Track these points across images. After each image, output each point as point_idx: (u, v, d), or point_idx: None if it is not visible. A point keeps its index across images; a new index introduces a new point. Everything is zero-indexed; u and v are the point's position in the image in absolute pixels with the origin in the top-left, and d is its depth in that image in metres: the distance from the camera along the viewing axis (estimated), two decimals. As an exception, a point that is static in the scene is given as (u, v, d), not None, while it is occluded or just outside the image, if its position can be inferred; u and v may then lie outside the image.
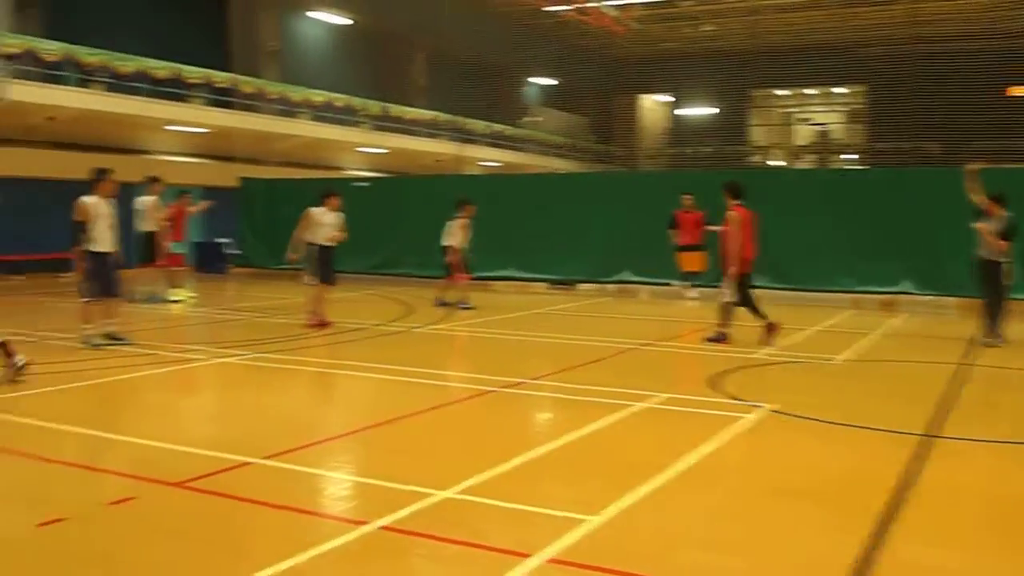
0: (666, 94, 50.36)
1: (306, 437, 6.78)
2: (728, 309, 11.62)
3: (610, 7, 36.31)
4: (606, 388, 8.52)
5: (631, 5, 36.82)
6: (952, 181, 13.37)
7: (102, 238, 10.75)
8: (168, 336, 12.84)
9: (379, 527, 4.76)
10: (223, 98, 26.21)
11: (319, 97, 29.45)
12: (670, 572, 4.38)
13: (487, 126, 37.63)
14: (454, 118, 35.45)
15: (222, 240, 24.70)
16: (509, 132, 39.91)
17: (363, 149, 32.06)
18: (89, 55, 22.12)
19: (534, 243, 19.80)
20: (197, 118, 25.05)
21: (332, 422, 7.77)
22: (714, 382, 8.95)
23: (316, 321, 12.80)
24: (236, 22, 30.29)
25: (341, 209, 13.16)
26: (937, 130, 37.43)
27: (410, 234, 20.93)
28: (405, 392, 8.71)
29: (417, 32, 35.43)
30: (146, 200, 16.09)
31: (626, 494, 5.29)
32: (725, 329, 11.58)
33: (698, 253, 17.35)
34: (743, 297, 11.56)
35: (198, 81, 25.08)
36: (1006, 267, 11.61)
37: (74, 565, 4.32)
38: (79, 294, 10.96)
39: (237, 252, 24.56)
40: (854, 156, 47.45)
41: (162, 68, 23.84)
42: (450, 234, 15.64)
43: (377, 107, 31.75)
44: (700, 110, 48.51)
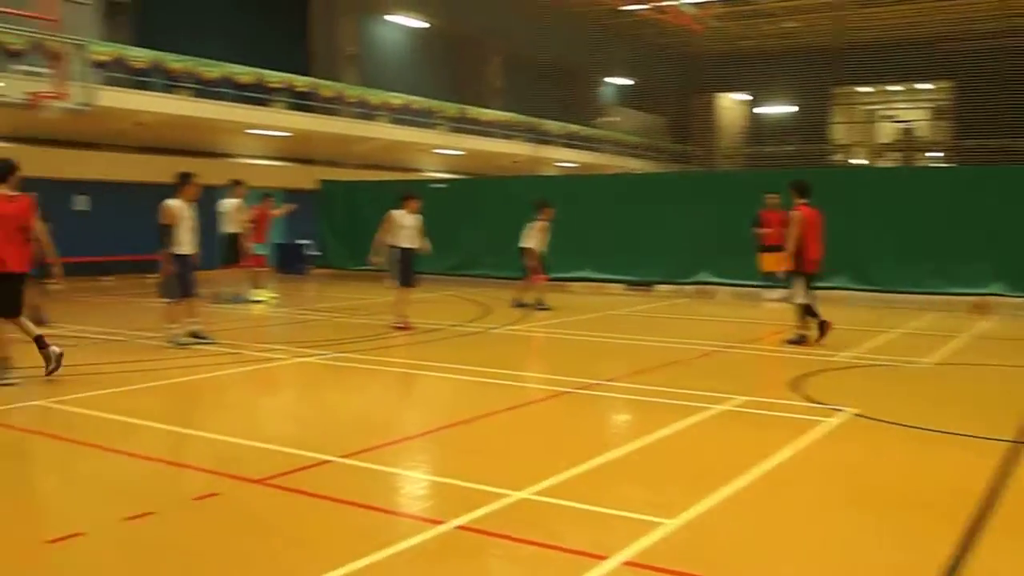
0: (745, 92, 49.69)
1: (384, 436, 6.85)
2: (802, 311, 11.43)
3: (689, 5, 35.93)
4: (683, 390, 8.43)
5: (710, 3, 36.40)
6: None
7: (185, 240, 11.04)
8: (251, 336, 13.11)
9: (455, 527, 4.78)
10: (304, 102, 26.66)
11: (397, 100, 29.74)
12: (749, 578, 4.32)
13: (563, 127, 37.58)
14: (530, 119, 35.48)
15: (303, 241, 25.13)
16: (585, 133, 39.79)
17: (440, 151, 32.29)
18: (175, 61, 22.70)
19: (610, 244, 19.71)
20: (278, 122, 25.51)
21: (409, 422, 7.84)
22: (795, 385, 8.79)
23: (402, 323, 12.89)
24: (317, 27, 30.81)
25: (420, 211, 13.27)
26: (1027, 127, 36.22)
27: (487, 235, 21.03)
28: (481, 392, 8.75)
29: (493, 34, 35.57)
30: (230, 203, 16.46)
31: (703, 498, 5.23)
32: (804, 331, 11.40)
33: (781, 254, 17.05)
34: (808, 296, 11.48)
35: (279, 85, 25.53)
36: None
37: (159, 558, 4.44)
38: (160, 295, 11.24)
39: (317, 253, 24.96)
40: (939, 154, 46.22)
41: (245, 73, 24.34)
42: (528, 236, 15.67)
43: (454, 109, 31.94)
44: (780, 108, 47.74)
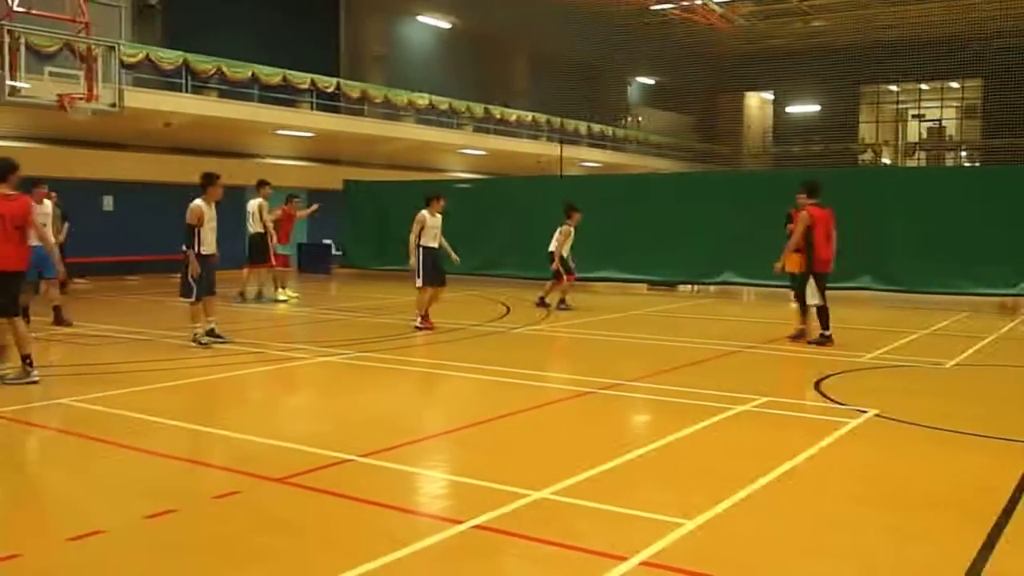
0: (771, 91, 49.40)
1: (404, 436, 6.86)
2: (822, 312, 11.41)
3: (716, 4, 35.78)
4: (705, 391, 8.40)
5: (738, 1, 36.23)
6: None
7: (208, 241, 11.12)
8: (273, 335, 13.19)
9: (474, 526, 4.78)
10: (330, 102, 26.79)
11: (422, 100, 29.83)
12: (767, 579, 4.29)
13: (588, 126, 37.53)
14: (555, 119, 35.46)
15: (326, 241, 25.25)
16: (611, 132, 39.72)
17: (465, 151, 32.35)
18: (203, 63, 22.89)
19: (634, 244, 19.68)
20: (305, 122, 25.66)
21: (430, 421, 7.86)
22: (817, 386, 8.74)
23: (426, 324, 12.90)
24: (344, 27, 30.96)
25: (445, 211, 13.27)
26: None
27: (510, 235, 21.06)
28: (502, 392, 8.76)
29: (519, 34, 35.57)
30: (255, 203, 16.57)
31: (724, 499, 5.20)
32: (826, 331, 11.34)
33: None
34: (798, 294, 11.55)
35: (306, 86, 25.69)
36: None
37: (180, 556, 4.47)
38: (181, 294, 11.29)
39: (340, 253, 25.07)
40: (968, 153, 45.74)
41: (272, 74, 24.50)
42: (554, 240, 15.59)
43: (480, 109, 31.99)
44: (807, 107, 47.42)
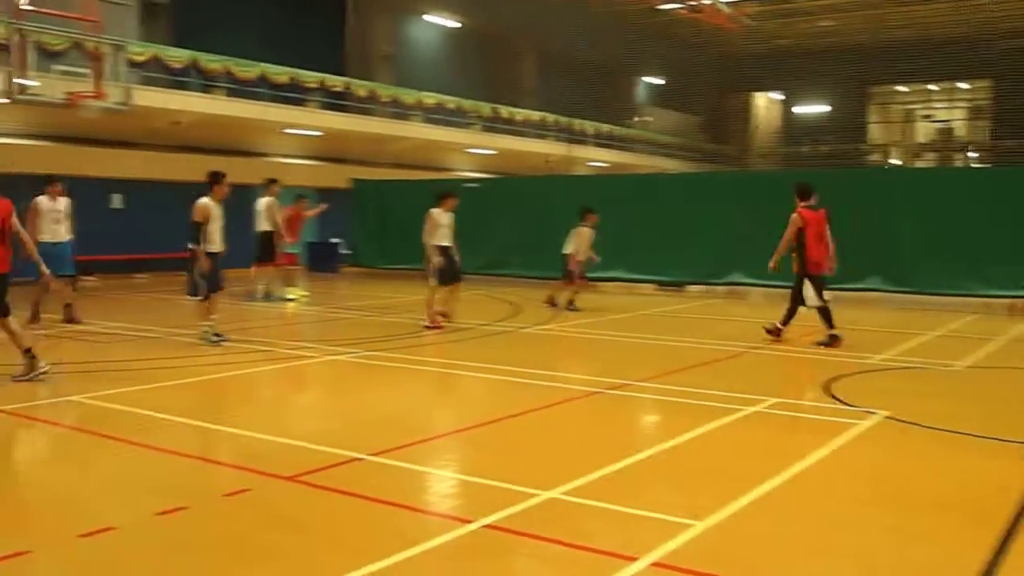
0: (780, 91, 49.30)
1: (414, 435, 6.87)
2: (824, 312, 11.45)
3: (724, 4, 35.72)
4: (714, 392, 8.38)
5: (746, 1, 36.16)
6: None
7: (215, 239, 11.14)
8: (282, 333, 13.21)
9: (483, 525, 4.78)
10: (338, 101, 26.81)
11: (431, 99, 29.83)
12: (778, 581, 4.28)
13: (596, 126, 37.51)
14: (563, 118, 35.45)
15: (335, 240, 25.27)
16: (618, 132, 39.70)
17: (473, 150, 32.36)
18: (212, 61, 22.92)
19: (642, 244, 19.64)
20: (313, 121, 25.68)
21: (439, 420, 7.86)
22: (826, 387, 8.71)
23: (436, 323, 12.91)
24: (352, 27, 30.98)
25: (455, 210, 13.26)
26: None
27: (518, 234, 21.05)
28: (511, 392, 8.76)
29: (527, 33, 35.56)
30: (265, 201, 16.59)
31: (733, 500, 5.19)
32: (834, 332, 11.33)
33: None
34: (794, 296, 11.60)
35: (314, 85, 25.70)
36: None
37: (190, 553, 4.47)
38: (187, 292, 11.32)
39: (349, 252, 25.09)
40: (977, 154, 45.60)
41: (281, 73, 24.52)
42: (570, 241, 15.53)
43: (487, 108, 31.99)
44: (816, 108, 47.33)
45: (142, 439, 6.64)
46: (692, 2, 34.65)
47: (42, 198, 12.99)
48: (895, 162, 46.53)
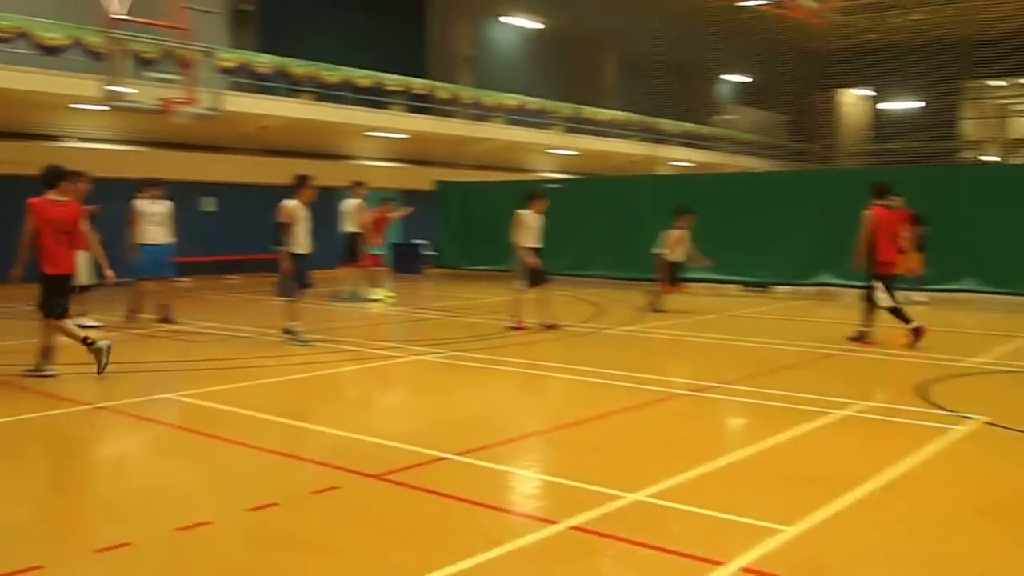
0: (868, 88, 48.15)
1: (498, 435, 6.89)
2: (896, 312, 11.34)
3: (811, -1, 35.03)
4: (803, 394, 8.23)
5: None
6: None
7: (301, 240, 11.34)
8: (368, 334, 13.38)
9: (569, 527, 4.77)
10: (421, 104, 27.07)
11: (512, 101, 29.90)
12: (872, 589, 4.18)
13: (678, 125, 37.16)
14: (645, 118, 35.20)
15: (419, 241, 25.51)
16: (701, 131, 39.26)
17: (554, 151, 32.35)
18: (298, 67, 23.35)
19: (727, 244, 19.34)
20: (396, 124, 25.97)
21: (524, 421, 7.86)
22: (920, 391, 8.47)
23: (520, 324, 12.93)
24: (434, 29, 31.26)
25: (543, 212, 13.23)
26: None
27: (601, 235, 20.98)
28: (595, 393, 8.73)
29: (608, 33, 35.39)
30: (350, 203, 16.86)
31: (824, 506, 5.08)
32: (915, 325, 11.21)
33: (913, 255, 16.49)
34: (867, 297, 11.45)
35: (397, 88, 25.99)
36: None
37: (280, 549, 4.56)
38: (278, 293, 11.54)
39: (433, 253, 25.31)
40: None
41: (364, 77, 24.86)
42: (663, 243, 15.35)
43: (569, 109, 31.93)
44: (905, 104, 46.11)
45: (234, 436, 6.80)
46: (777, -3, 34.06)
47: (142, 201, 13.42)
48: (990, 159, 45.07)
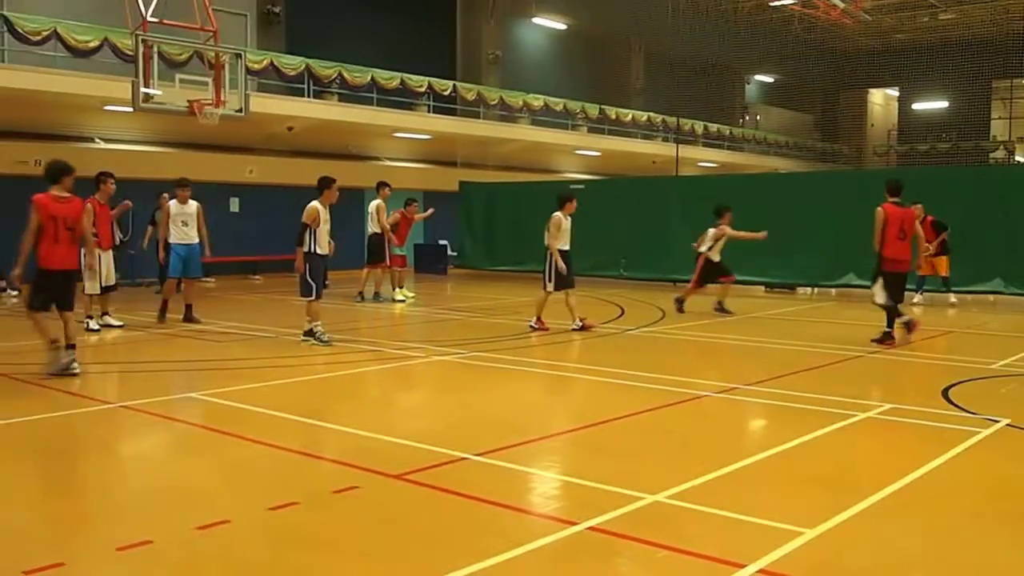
0: (897, 88, 47.74)
1: (518, 436, 6.89)
2: (890, 311, 11.39)
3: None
4: (825, 396, 8.19)
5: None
6: None
7: (322, 241, 11.40)
8: (390, 334, 13.43)
9: (587, 528, 4.77)
10: (446, 105, 27.13)
11: (537, 101, 29.91)
12: (891, 593, 4.15)
13: (705, 126, 37.01)
14: (671, 119, 35.10)
15: (442, 242, 25.58)
16: (728, 131, 39.08)
17: (580, 152, 32.32)
18: (324, 68, 23.48)
19: (752, 246, 19.20)
20: (422, 125, 26.06)
21: (544, 422, 7.85)
22: (944, 393, 8.40)
23: (541, 325, 12.93)
24: (460, 31, 31.32)
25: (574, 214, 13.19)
26: None
27: (624, 236, 20.94)
28: (617, 394, 8.71)
29: (634, 33, 35.32)
30: (375, 204, 16.94)
31: (845, 508, 5.05)
32: (889, 330, 11.35)
33: (939, 259, 16.36)
34: (889, 297, 11.42)
35: (422, 89, 26.07)
36: None
37: (300, 547, 4.58)
38: (302, 293, 11.60)
39: (456, 254, 25.36)
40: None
41: (390, 78, 24.95)
42: (703, 241, 15.25)
43: (594, 109, 31.90)
44: (935, 104, 45.68)
45: (256, 435, 6.84)
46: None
47: (171, 201, 13.58)
48: (1020, 159, 44.57)
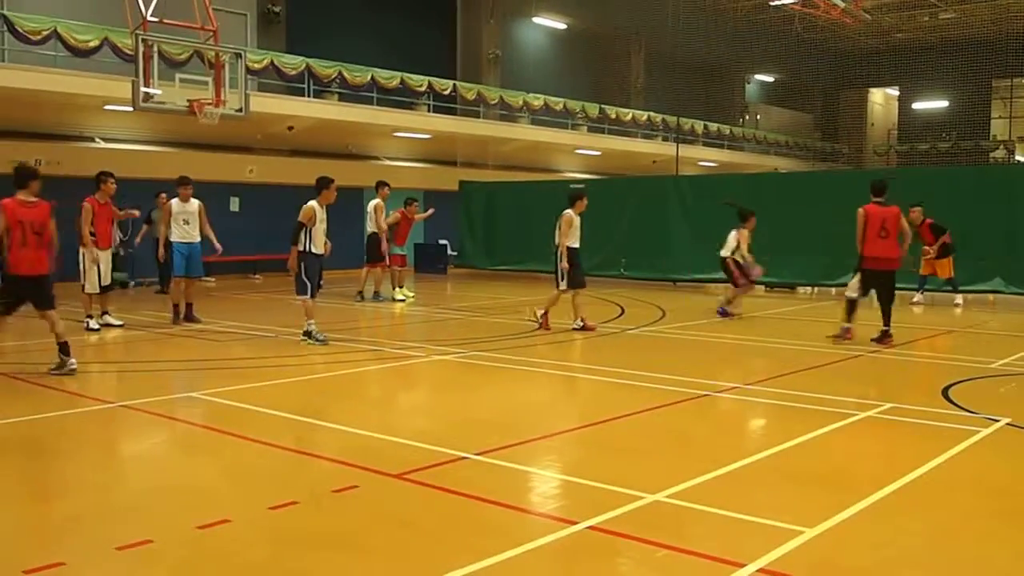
0: (898, 87, 47.74)
1: (519, 435, 6.89)
2: (851, 304, 11.61)
3: (840, -1, 34.78)
4: (826, 396, 8.19)
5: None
6: None
7: (318, 241, 11.39)
8: (390, 333, 13.44)
9: (588, 527, 4.77)
10: (446, 104, 27.11)
11: (537, 101, 29.89)
12: (891, 592, 4.16)
13: (705, 125, 37.00)
14: (671, 118, 35.09)
15: (442, 241, 25.58)
16: (728, 131, 39.07)
17: (580, 151, 32.31)
18: (324, 67, 23.46)
19: (752, 244, 19.26)
20: (422, 124, 26.04)
21: (545, 421, 7.85)
22: (944, 393, 8.40)
23: (545, 323, 12.92)
24: (460, 30, 31.31)
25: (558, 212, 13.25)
26: None
27: (625, 236, 20.94)
28: (617, 393, 8.72)
29: (634, 33, 35.31)
30: (373, 203, 16.93)
31: (845, 508, 5.05)
32: (848, 325, 11.54)
33: (941, 261, 16.34)
34: (880, 296, 11.64)
35: (422, 89, 26.06)
36: None
37: (300, 546, 4.59)
38: (298, 292, 11.60)
39: (456, 253, 25.36)
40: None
41: (390, 77, 24.92)
42: (727, 244, 15.23)
43: (595, 109, 31.88)
44: (935, 103, 45.68)
45: (256, 435, 6.85)
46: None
47: (173, 200, 13.59)
48: (1020, 159, 44.58)
